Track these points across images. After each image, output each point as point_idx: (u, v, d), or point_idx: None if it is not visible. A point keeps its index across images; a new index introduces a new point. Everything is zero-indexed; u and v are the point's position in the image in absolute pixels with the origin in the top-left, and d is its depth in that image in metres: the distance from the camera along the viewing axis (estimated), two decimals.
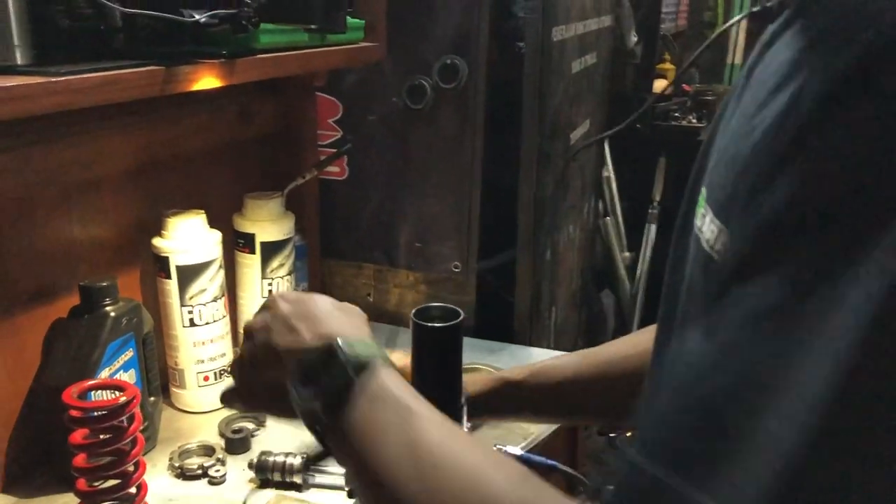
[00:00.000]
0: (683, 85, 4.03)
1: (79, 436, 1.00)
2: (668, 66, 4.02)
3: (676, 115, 3.71)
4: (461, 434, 0.59)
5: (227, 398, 0.81)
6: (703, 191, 0.47)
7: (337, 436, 0.59)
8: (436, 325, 0.70)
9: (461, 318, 0.71)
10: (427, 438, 0.55)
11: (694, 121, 3.71)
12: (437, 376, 0.72)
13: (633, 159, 3.48)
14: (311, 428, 0.63)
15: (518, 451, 0.82)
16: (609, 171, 2.97)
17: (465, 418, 0.74)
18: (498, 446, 0.82)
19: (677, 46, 3.96)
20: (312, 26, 1.05)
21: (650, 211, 3.54)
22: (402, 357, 0.79)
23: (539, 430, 1.19)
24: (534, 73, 1.49)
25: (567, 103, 1.76)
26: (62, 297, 1.17)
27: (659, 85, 3.78)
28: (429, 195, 1.60)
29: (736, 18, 3.95)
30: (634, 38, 2.93)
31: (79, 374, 1.08)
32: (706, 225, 0.44)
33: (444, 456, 0.54)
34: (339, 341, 0.61)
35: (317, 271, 1.68)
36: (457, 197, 1.57)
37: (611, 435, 3.01)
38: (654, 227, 3.50)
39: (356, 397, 0.58)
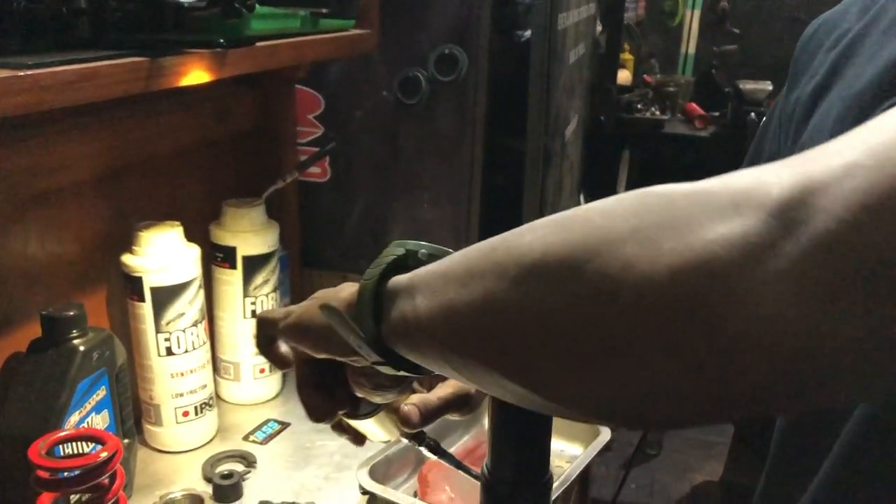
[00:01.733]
0: (644, 76, 3.97)
1: (47, 501, 0.84)
2: (627, 56, 3.95)
3: (639, 106, 3.64)
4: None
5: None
6: None
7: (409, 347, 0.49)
8: None
9: None
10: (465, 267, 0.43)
11: (657, 112, 3.65)
12: (523, 438, 0.59)
13: (596, 152, 3.40)
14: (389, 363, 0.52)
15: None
16: None
17: (551, 489, 0.61)
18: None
19: (640, 35, 3.88)
20: (323, 10, 0.90)
21: None
22: None
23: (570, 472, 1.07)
24: (541, 64, 1.36)
25: (564, 97, 1.64)
26: (19, 327, 1.00)
27: (621, 76, 3.71)
28: (422, 200, 1.46)
29: None
30: (599, 28, 2.83)
31: (44, 420, 0.91)
32: None
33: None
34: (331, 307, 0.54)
35: (298, 284, 1.52)
36: (453, 201, 1.43)
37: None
38: None
39: (388, 321, 0.50)
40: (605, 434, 1.14)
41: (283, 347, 0.65)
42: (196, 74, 0.87)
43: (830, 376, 0.31)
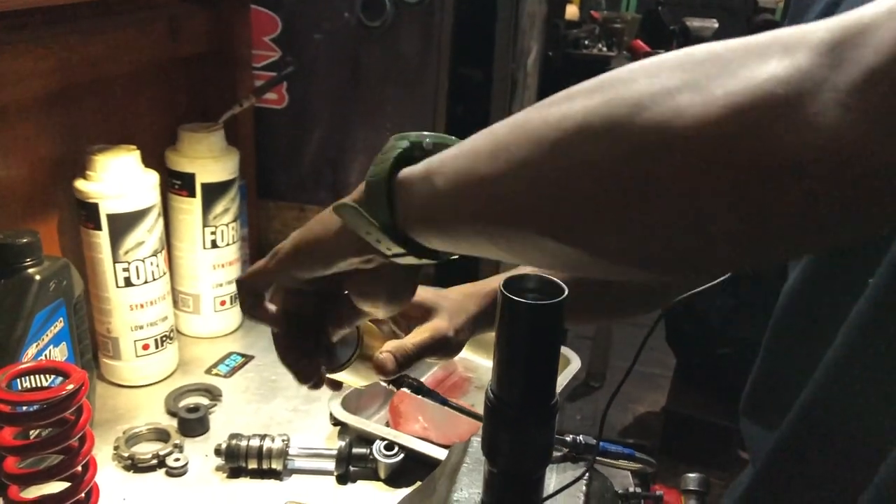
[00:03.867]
0: (591, 12, 3.94)
1: (8, 435, 0.79)
2: None
3: (587, 43, 3.61)
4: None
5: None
6: None
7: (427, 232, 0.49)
8: (536, 301, 0.55)
9: (565, 294, 0.55)
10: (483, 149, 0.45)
11: (604, 49, 3.63)
12: (532, 365, 0.57)
13: (543, 88, 3.36)
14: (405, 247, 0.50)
15: (592, 440, 0.69)
16: None
17: (557, 416, 0.60)
18: (573, 436, 0.69)
19: None
20: None
21: None
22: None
23: None
24: None
25: (527, 26, 1.60)
26: None
27: (569, 12, 3.67)
28: (384, 128, 1.41)
29: None
30: None
31: (1, 354, 0.86)
32: None
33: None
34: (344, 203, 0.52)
35: (254, 215, 1.47)
36: (418, 129, 1.39)
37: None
38: None
39: (408, 208, 0.49)
40: (576, 363, 1.14)
41: (272, 306, 0.63)
42: None
43: (885, 197, 0.32)
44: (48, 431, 0.82)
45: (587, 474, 0.67)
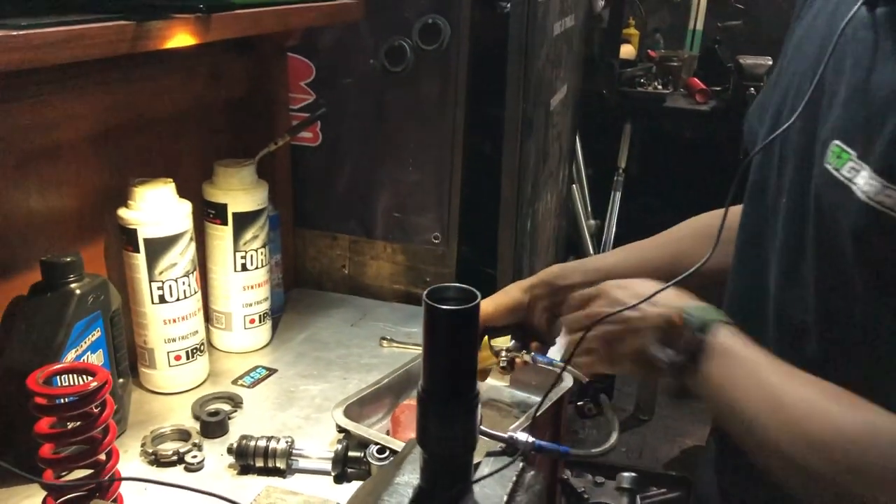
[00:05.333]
0: (649, 51, 4.00)
1: (45, 424, 0.92)
2: (632, 31, 3.97)
3: (642, 81, 3.67)
4: (804, 379, 0.71)
5: (591, 366, 0.89)
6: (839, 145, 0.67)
7: (698, 382, 0.76)
8: (451, 307, 0.64)
9: (478, 299, 0.65)
10: (781, 391, 0.70)
11: (659, 87, 3.68)
12: (451, 361, 0.66)
13: (598, 126, 3.44)
14: (676, 377, 0.77)
15: (530, 438, 0.77)
16: (576, 138, 2.92)
17: (479, 405, 0.68)
18: (510, 434, 0.77)
19: (643, 10, 3.91)
20: None
21: (615, 178, 3.51)
22: None
23: (529, 412, 1.14)
24: (519, 34, 1.42)
25: (548, 67, 1.70)
26: (21, 273, 1.08)
27: (625, 51, 3.74)
28: (407, 163, 1.53)
29: None
30: (601, 2, 2.86)
31: (42, 357, 1.00)
32: (864, 180, 0.64)
33: (797, 405, 0.68)
34: (685, 311, 0.77)
35: (290, 242, 1.60)
36: (437, 165, 1.50)
37: (578, 404, 3.01)
38: (618, 195, 3.48)
39: (707, 353, 0.75)
40: (568, 380, 1.22)
41: None
42: (180, 38, 0.94)
43: None
44: (78, 424, 0.95)
45: (519, 464, 0.75)
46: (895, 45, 0.65)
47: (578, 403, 3.09)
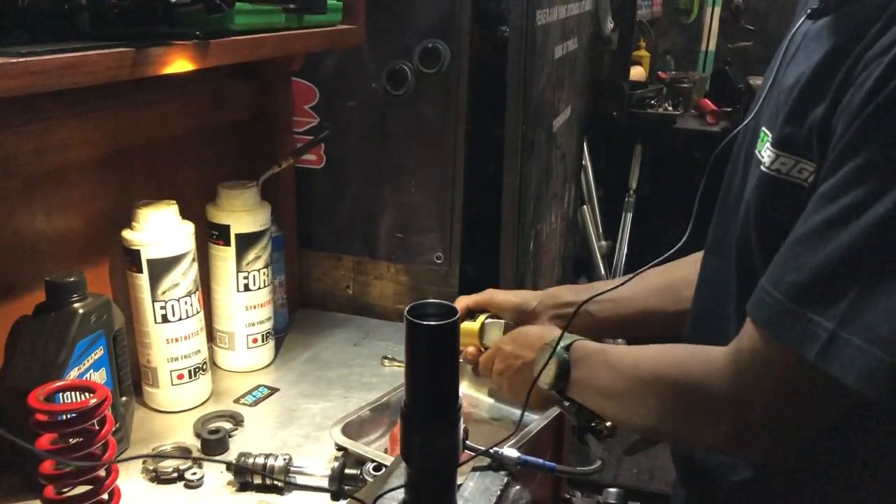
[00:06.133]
0: (659, 72, 4.02)
1: (46, 441, 0.94)
2: (643, 52, 3.99)
3: (653, 102, 3.69)
4: (641, 352, 0.89)
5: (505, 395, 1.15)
6: (763, 131, 0.80)
7: (574, 391, 0.95)
8: (431, 322, 0.66)
9: (457, 315, 0.66)
10: (622, 365, 0.90)
11: (670, 108, 3.69)
12: (432, 377, 0.68)
13: (609, 147, 3.45)
14: (557, 392, 0.96)
15: (516, 453, 0.78)
16: (585, 160, 2.94)
17: (461, 420, 0.70)
18: (495, 449, 0.78)
19: (653, 33, 3.93)
20: (291, 6, 0.99)
21: (626, 199, 3.52)
22: None
23: (529, 428, 1.15)
24: (518, 58, 1.44)
25: (550, 90, 1.72)
26: (27, 293, 1.11)
27: (635, 73, 3.76)
28: (410, 184, 1.55)
29: None
30: (611, 25, 2.89)
31: (45, 375, 1.02)
32: (766, 154, 0.77)
33: (638, 369, 0.88)
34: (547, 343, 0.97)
35: (294, 263, 1.62)
36: (439, 186, 1.52)
37: (592, 424, 3.00)
38: (630, 216, 3.49)
39: (573, 367, 0.94)
40: None
41: None
42: (179, 64, 0.96)
43: None
44: (78, 440, 0.97)
45: (505, 479, 0.76)
46: (811, 47, 0.76)
47: (592, 424, 3.09)
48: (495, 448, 0.78)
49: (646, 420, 0.88)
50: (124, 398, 1.18)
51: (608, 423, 3.05)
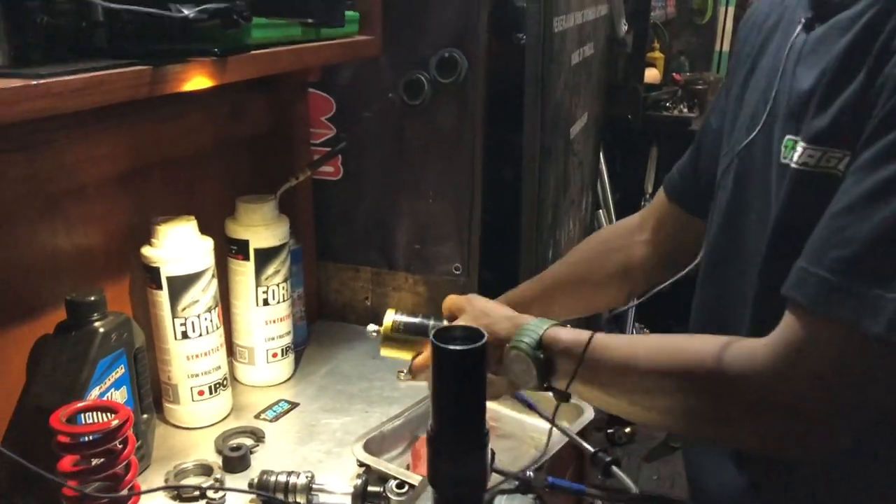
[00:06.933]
0: (674, 74, 3.99)
1: (68, 463, 0.94)
2: (657, 54, 3.97)
3: (668, 104, 3.67)
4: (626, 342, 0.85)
5: None
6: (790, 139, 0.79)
7: (558, 387, 0.86)
8: (458, 347, 0.64)
9: (484, 339, 0.65)
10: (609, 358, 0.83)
11: (685, 110, 3.67)
12: (459, 402, 0.66)
13: (624, 150, 3.43)
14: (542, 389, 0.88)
15: (544, 476, 0.77)
16: (601, 163, 2.92)
17: (489, 445, 0.69)
18: (527, 472, 0.77)
19: (667, 34, 3.91)
20: (310, 20, 0.98)
21: (642, 202, 3.50)
22: None
23: (551, 445, 1.13)
24: (535, 66, 1.43)
25: (567, 97, 1.70)
26: (47, 312, 1.10)
27: (650, 75, 3.74)
28: (427, 194, 1.54)
29: None
30: (625, 27, 2.86)
31: (67, 395, 1.01)
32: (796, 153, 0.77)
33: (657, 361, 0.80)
34: (517, 335, 0.87)
35: (313, 275, 1.62)
36: (457, 196, 1.51)
37: (608, 432, 2.98)
38: None
39: (553, 363, 0.85)
40: (589, 413, 1.21)
41: None
42: (197, 80, 0.96)
43: None
44: (101, 461, 0.96)
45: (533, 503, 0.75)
46: (812, 55, 0.79)
47: (608, 431, 3.07)
48: (525, 471, 0.77)
49: (666, 418, 0.82)
50: (145, 416, 1.17)
51: (627, 430, 3.04)
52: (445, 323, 1.02)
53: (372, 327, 1.09)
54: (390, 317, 1.06)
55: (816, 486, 0.82)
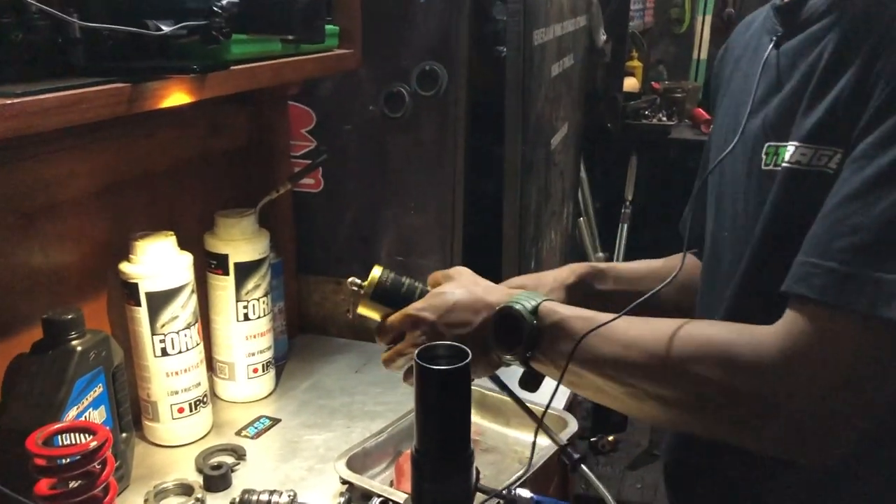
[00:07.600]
0: (652, 83, 4.02)
1: (44, 486, 0.92)
2: (635, 63, 4.00)
3: (647, 113, 3.69)
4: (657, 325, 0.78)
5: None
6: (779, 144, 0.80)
7: (542, 363, 0.83)
8: (441, 366, 0.64)
9: (468, 358, 0.65)
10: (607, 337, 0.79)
11: (664, 118, 3.69)
12: (443, 421, 0.66)
13: (604, 159, 3.44)
14: (523, 363, 0.84)
15: (528, 493, 0.76)
16: (581, 172, 2.93)
17: (474, 463, 0.68)
18: (511, 490, 0.77)
19: (645, 43, 3.93)
20: (290, 36, 0.98)
21: (623, 210, 3.51)
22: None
23: (536, 459, 1.13)
24: (516, 79, 1.43)
25: (547, 108, 1.71)
26: (23, 331, 1.09)
27: (629, 84, 3.76)
28: (409, 206, 1.53)
29: None
30: (603, 37, 2.88)
31: (43, 416, 1.00)
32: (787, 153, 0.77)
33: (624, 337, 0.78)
34: (511, 302, 0.84)
35: (293, 288, 1.61)
36: (439, 208, 1.51)
37: (591, 440, 2.98)
38: (626, 227, 3.48)
39: (542, 335, 0.82)
40: (573, 425, 1.21)
41: None
42: (176, 97, 0.95)
43: None
44: (79, 483, 0.94)
45: None
46: (788, 66, 0.82)
47: (592, 440, 3.07)
48: (510, 489, 0.77)
49: (659, 411, 0.77)
50: (124, 434, 1.16)
51: (610, 438, 3.02)
52: (430, 289, 0.96)
53: (354, 280, 0.97)
54: (377, 272, 0.96)
55: (800, 495, 0.82)
